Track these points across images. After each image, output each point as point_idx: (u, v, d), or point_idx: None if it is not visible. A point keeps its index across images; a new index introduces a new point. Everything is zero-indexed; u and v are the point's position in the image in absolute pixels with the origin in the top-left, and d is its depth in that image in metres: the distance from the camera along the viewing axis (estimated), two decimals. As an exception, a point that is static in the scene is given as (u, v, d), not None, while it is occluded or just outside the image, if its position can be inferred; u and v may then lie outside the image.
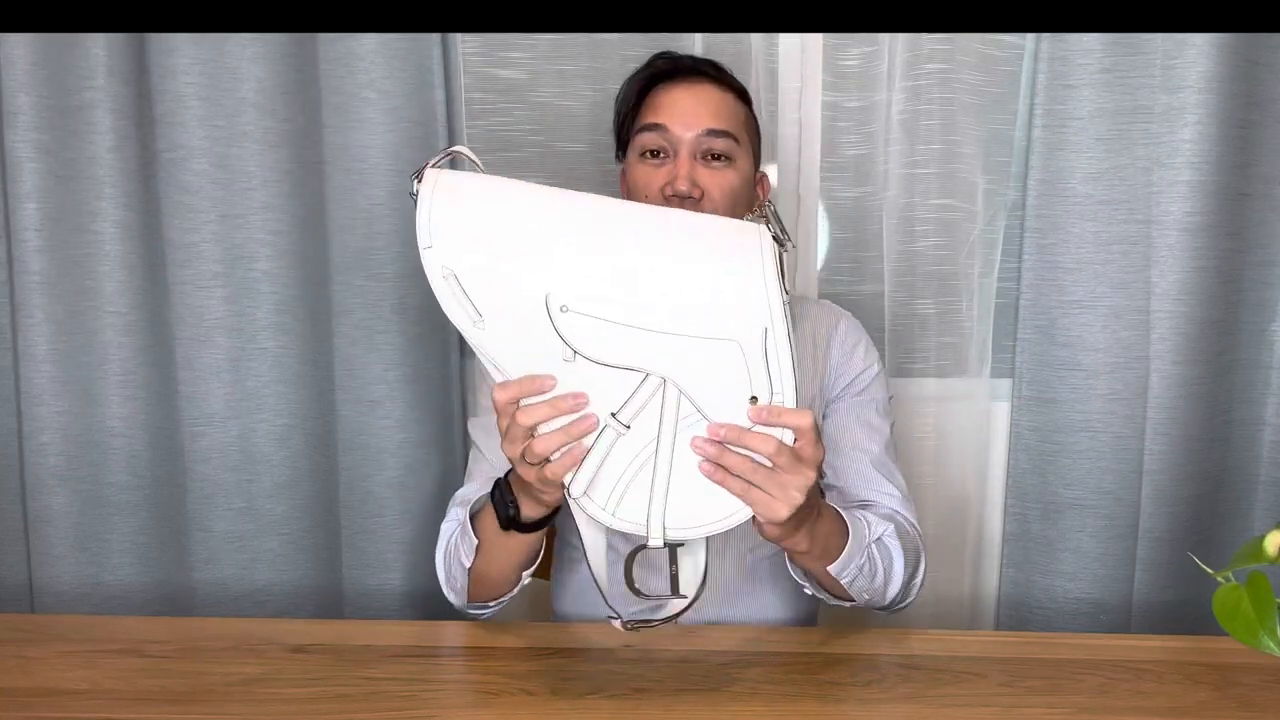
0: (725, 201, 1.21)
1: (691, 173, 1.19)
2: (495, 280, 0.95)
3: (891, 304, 1.63)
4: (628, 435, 0.94)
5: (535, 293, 0.94)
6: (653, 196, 1.21)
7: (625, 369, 0.94)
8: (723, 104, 1.23)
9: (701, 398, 0.94)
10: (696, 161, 1.21)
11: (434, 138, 1.56)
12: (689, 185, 1.18)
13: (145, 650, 1.12)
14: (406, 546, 1.62)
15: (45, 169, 1.47)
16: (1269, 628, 0.77)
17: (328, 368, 1.59)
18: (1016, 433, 1.62)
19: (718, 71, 1.26)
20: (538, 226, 0.96)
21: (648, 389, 0.94)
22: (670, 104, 1.22)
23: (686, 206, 1.18)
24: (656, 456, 0.95)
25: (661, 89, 1.24)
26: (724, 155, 1.22)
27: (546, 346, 0.94)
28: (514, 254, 0.95)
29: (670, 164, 1.21)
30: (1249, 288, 1.57)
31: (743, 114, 1.26)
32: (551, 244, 0.96)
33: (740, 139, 1.24)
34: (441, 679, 1.06)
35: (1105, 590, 1.59)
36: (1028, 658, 1.12)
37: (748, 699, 1.03)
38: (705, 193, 1.20)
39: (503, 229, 0.96)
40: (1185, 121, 1.47)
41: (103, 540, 1.55)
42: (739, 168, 1.23)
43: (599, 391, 0.94)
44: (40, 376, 1.51)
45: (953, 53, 1.55)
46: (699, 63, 1.26)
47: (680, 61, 1.26)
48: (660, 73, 1.25)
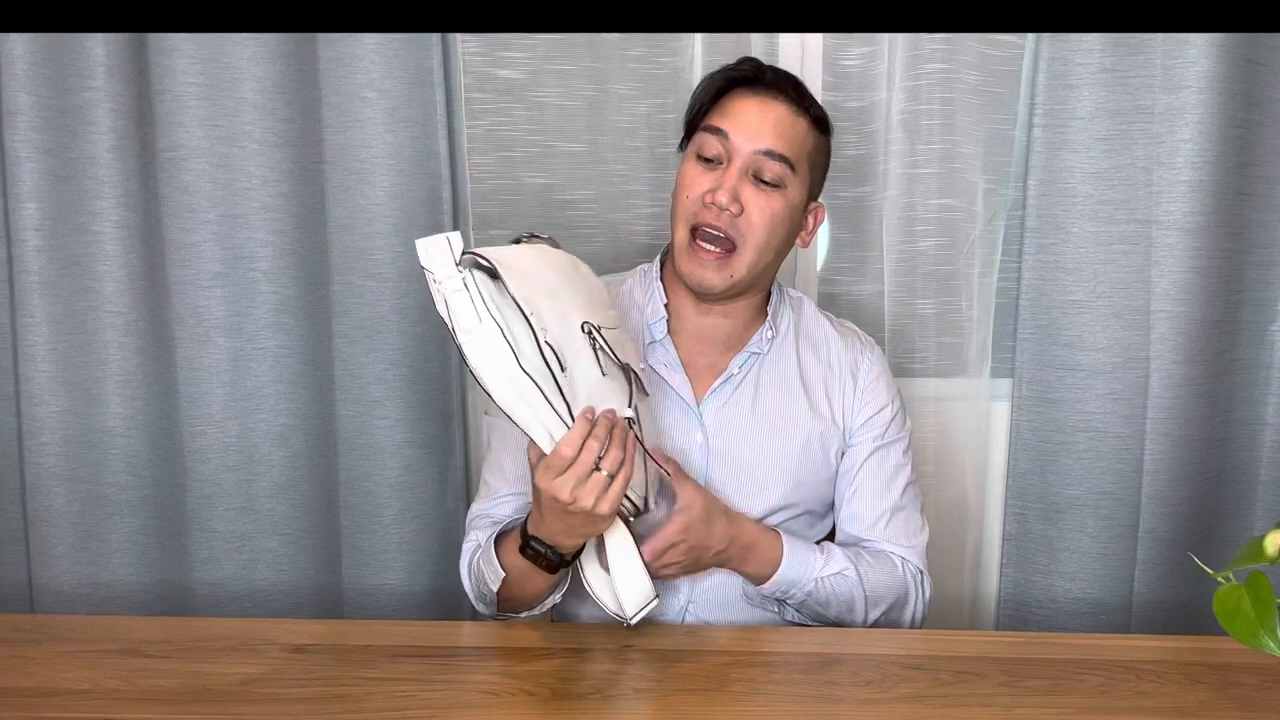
0: (763, 227, 1.19)
1: (737, 187, 1.18)
2: (562, 331, 1.00)
3: (891, 304, 1.63)
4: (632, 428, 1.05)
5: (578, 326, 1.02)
6: (693, 200, 1.20)
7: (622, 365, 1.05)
8: (791, 127, 1.20)
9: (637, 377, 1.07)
10: (746, 178, 1.19)
11: (434, 138, 1.55)
12: (729, 199, 1.17)
13: (145, 650, 1.12)
14: (406, 546, 1.62)
15: (45, 169, 1.47)
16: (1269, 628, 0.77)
17: (328, 368, 1.59)
18: (1016, 433, 1.62)
19: (799, 94, 1.22)
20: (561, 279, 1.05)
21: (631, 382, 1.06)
22: (739, 112, 1.20)
23: (723, 221, 1.18)
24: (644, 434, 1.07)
25: (738, 94, 1.21)
26: (774, 181, 1.19)
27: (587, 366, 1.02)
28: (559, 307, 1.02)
29: (719, 172, 1.19)
30: (1249, 288, 1.57)
31: (811, 143, 1.23)
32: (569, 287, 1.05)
33: (798, 167, 1.21)
34: (441, 679, 1.06)
35: (1105, 590, 1.59)
36: (1028, 658, 1.11)
37: (748, 699, 1.03)
38: (745, 211, 1.18)
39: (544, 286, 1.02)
40: (1185, 121, 1.47)
41: (102, 540, 1.55)
42: (788, 196, 1.21)
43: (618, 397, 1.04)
44: (40, 376, 1.51)
45: (953, 53, 1.55)
46: (781, 79, 1.22)
47: (764, 71, 1.22)
48: (742, 77, 1.22)
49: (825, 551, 1.22)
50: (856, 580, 1.21)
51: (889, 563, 1.25)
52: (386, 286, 1.56)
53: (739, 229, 1.19)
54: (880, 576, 1.23)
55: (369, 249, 1.55)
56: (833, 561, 1.22)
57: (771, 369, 1.27)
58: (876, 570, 1.23)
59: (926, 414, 1.66)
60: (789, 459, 1.25)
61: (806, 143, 1.22)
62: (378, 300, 1.56)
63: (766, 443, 1.25)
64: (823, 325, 1.32)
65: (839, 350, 1.30)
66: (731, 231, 1.19)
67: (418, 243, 0.98)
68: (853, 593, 1.22)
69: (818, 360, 1.29)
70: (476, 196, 1.63)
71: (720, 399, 1.25)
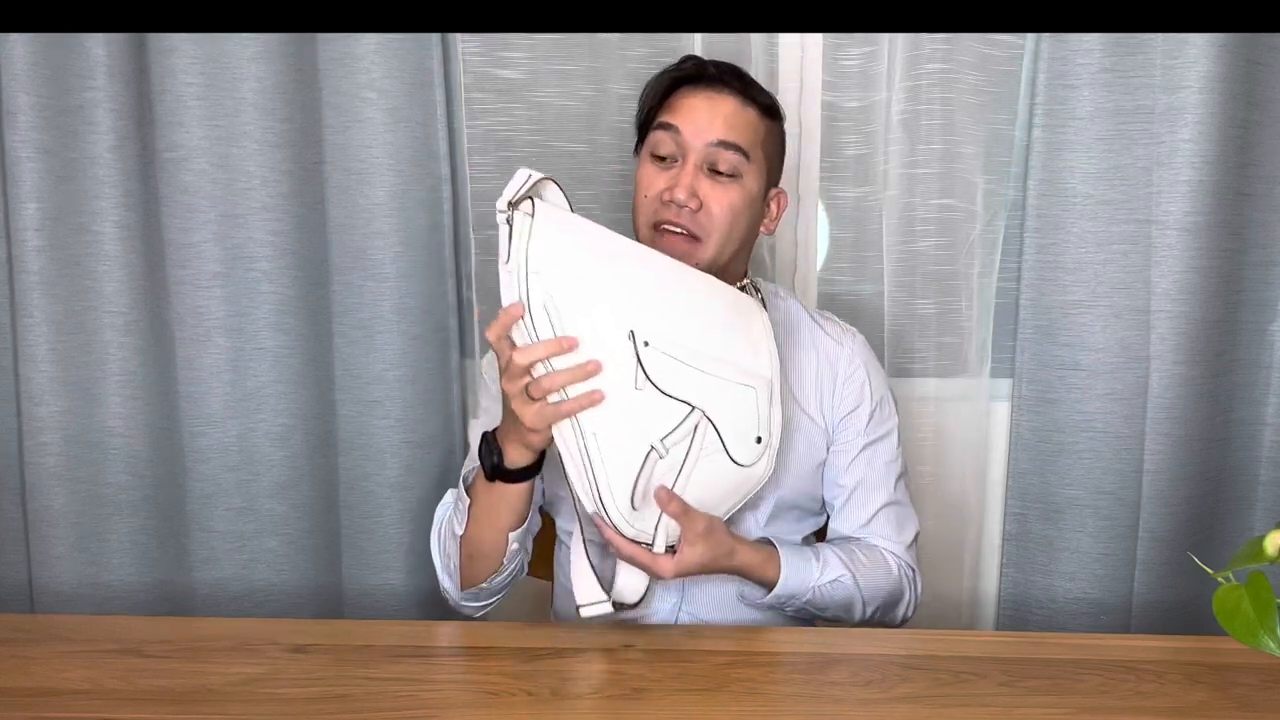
0: (725, 218, 1.20)
1: (694, 183, 1.19)
2: (590, 312, 1.07)
3: (891, 304, 1.63)
4: (664, 460, 1.11)
5: (621, 327, 1.08)
6: (651, 199, 1.21)
7: (680, 400, 1.10)
8: (740, 117, 1.21)
9: (726, 432, 1.13)
10: (702, 172, 1.20)
11: (434, 138, 1.55)
12: (687, 195, 1.18)
13: (145, 650, 1.12)
14: (406, 546, 1.62)
15: (45, 169, 1.47)
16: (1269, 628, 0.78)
17: (328, 368, 1.59)
18: (1016, 433, 1.61)
19: (744, 84, 1.23)
20: (624, 272, 1.11)
21: (690, 422, 1.11)
22: (688, 109, 1.21)
23: (683, 217, 1.19)
24: (677, 480, 1.12)
25: (684, 91, 1.23)
26: (730, 171, 1.21)
27: (622, 374, 1.07)
28: (607, 292, 1.08)
29: (675, 170, 1.20)
30: (1249, 288, 1.57)
31: (763, 131, 1.24)
32: (636, 289, 1.10)
33: (753, 155, 1.22)
34: (441, 679, 1.06)
35: (1105, 590, 1.59)
36: (1028, 658, 1.12)
37: (748, 699, 1.03)
38: (704, 205, 1.19)
39: (598, 269, 1.09)
40: (1185, 121, 1.47)
41: (102, 540, 1.55)
42: (745, 185, 1.22)
43: (650, 419, 1.09)
44: (40, 376, 1.51)
45: (953, 53, 1.55)
46: (725, 72, 1.23)
47: (706, 67, 1.24)
48: (686, 75, 1.24)
49: (821, 559, 1.23)
50: (853, 585, 1.23)
51: (883, 563, 1.26)
52: (386, 286, 1.56)
53: (700, 224, 1.20)
54: (876, 578, 1.25)
55: (369, 249, 1.55)
56: (829, 569, 1.22)
57: None
58: (872, 572, 1.25)
59: (926, 414, 1.65)
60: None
61: (758, 130, 1.23)
62: (378, 300, 1.56)
63: None
64: (802, 317, 1.32)
65: (819, 343, 1.31)
66: (693, 226, 1.20)
67: (520, 170, 1.07)
68: (850, 597, 1.23)
69: (797, 354, 1.29)
70: (476, 196, 1.63)
71: None
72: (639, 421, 1.08)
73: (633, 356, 1.07)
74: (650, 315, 1.09)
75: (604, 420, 1.07)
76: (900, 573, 1.27)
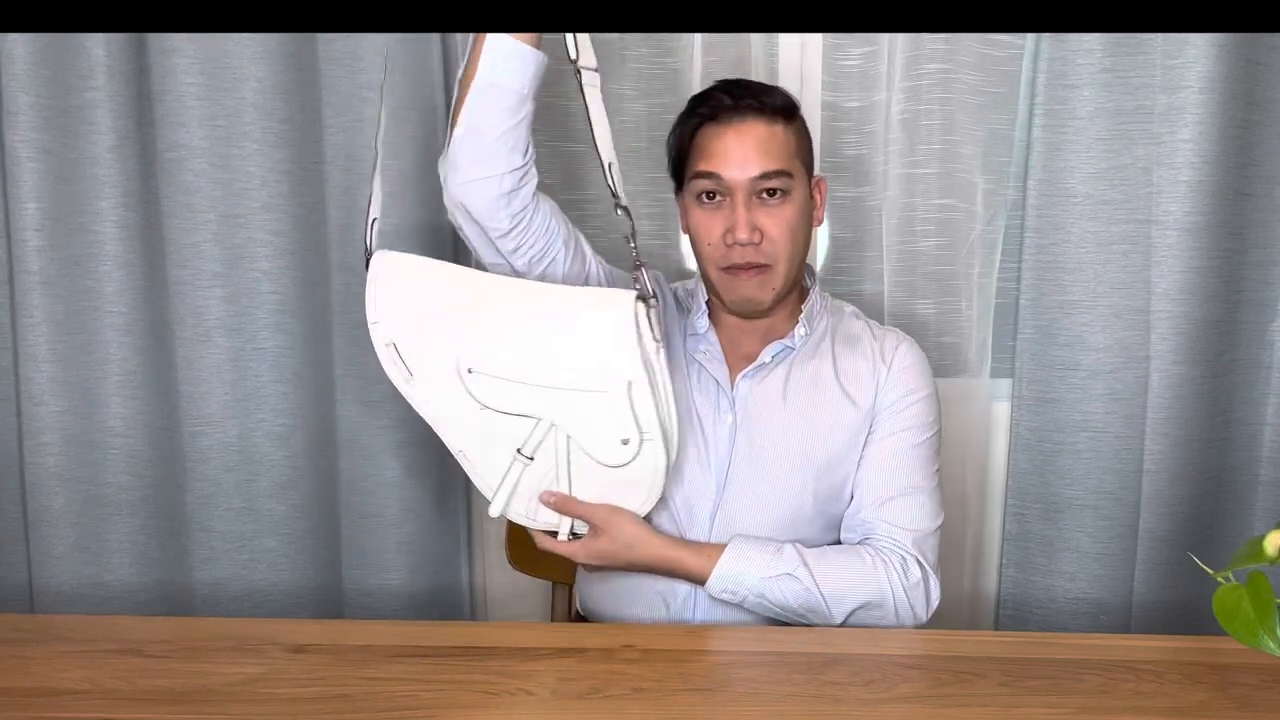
0: (785, 239, 1.23)
1: (750, 219, 1.22)
2: (422, 349, 1.19)
3: (891, 304, 1.63)
4: (533, 465, 1.19)
5: (449, 358, 1.18)
6: (716, 245, 1.24)
7: (522, 415, 1.18)
8: (771, 140, 1.22)
9: (582, 438, 1.18)
10: (754, 202, 1.22)
11: (434, 138, 1.56)
12: (749, 232, 1.21)
13: (145, 650, 1.12)
14: (406, 546, 1.62)
15: (45, 169, 1.47)
16: (1269, 628, 0.78)
17: (328, 368, 1.59)
18: (1016, 433, 1.62)
19: (759, 101, 1.23)
20: (455, 307, 1.19)
21: (541, 430, 1.18)
22: (721, 151, 1.22)
23: (749, 253, 1.22)
24: (556, 479, 1.20)
25: (710, 131, 1.24)
26: (779, 191, 1.23)
27: (463, 399, 1.18)
28: (437, 329, 1.18)
29: (727, 209, 1.23)
30: (1249, 288, 1.57)
31: (793, 140, 1.25)
32: (464, 321, 1.18)
33: (793, 169, 1.24)
34: (441, 679, 1.06)
35: (1105, 590, 1.59)
36: (1028, 658, 1.11)
37: (748, 699, 1.03)
38: (765, 235, 1.22)
39: (429, 309, 1.19)
40: (1185, 121, 1.47)
41: (103, 540, 1.55)
42: (795, 199, 1.24)
43: (506, 432, 1.19)
44: (40, 376, 1.51)
45: (953, 53, 1.55)
46: (739, 96, 1.24)
47: (722, 100, 1.24)
48: (707, 115, 1.24)
49: (778, 552, 1.21)
50: (809, 579, 1.19)
51: (856, 559, 1.22)
52: (386, 286, 1.56)
53: (765, 253, 1.23)
54: (841, 574, 1.21)
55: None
56: (782, 563, 1.20)
57: (803, 364, 1.30)
58: (837, 568, 1.21)
59: (926, 414, 1.65)
60: (815, 447, 1.27)
61: (789, 142, 1.24)
62: (378, 300, 1.56)
63: (794, 429, 1.27)
64: (860, 325, 1.35)
65: (874, 345, 1.32)
66: (760, 259, 1.23)
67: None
68: (807, 593, 1.20)
69: (852, 354, 1.31)
70: (476, 196, 1.63)
71: (752, 382, 1.29)
72: (493, 436, 1.19)
73: (460, 384, 1.18)
74: (477, 344, 1.17)
75: (463, 439, 1.21)
76: (880, 567, 1.22)
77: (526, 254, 1.23)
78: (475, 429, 1.20)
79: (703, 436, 1.28)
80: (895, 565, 1.23)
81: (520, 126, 1.17)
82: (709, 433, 1.28)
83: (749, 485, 1.27)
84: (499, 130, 1.16)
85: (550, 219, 1.24)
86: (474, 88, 1.16)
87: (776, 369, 1.30)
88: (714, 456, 1.28)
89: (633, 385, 1.15)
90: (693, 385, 1.30)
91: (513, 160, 1.17)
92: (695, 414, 1.29)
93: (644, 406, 1.16)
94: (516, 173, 1.18)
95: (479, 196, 1.19)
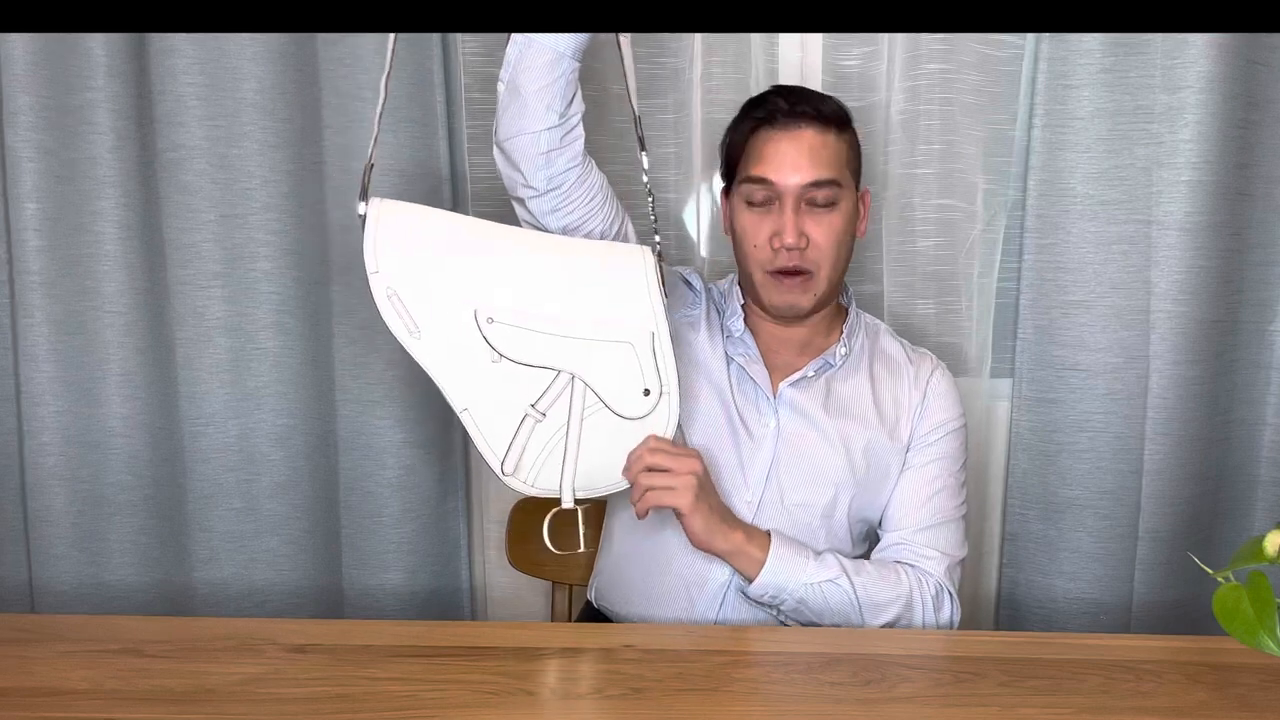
0: (830, 247, 1.25)
1: (798, 224, 1.23)
2: (432, 298, 1.13)
3: (891, 304, 1.63)
4: (544, 422, 1.15)
5: (465, 307, 1.13)
6: (761, 248, 1.25)
7: (542, 367, 1.14)
8: (823, 149, 1.24)
9: (603, 390, 1.15)
10: (803, 208, 1.24)
11: (434, 138, 1.56)
12: (796, 237, 1.22)
13: (145, 650, 1.12)
14: (407, 546, 1.62)
15: (45, 169, 1.47)
16: (1269, 628, 0.78)
17: (328, 368, 1.59)
18: (1016, 433, 1.61)
19: (817, 110, 1.25)
20: (466, 253, 1.15)
21: (560, 384, 1.15)
22: (774, 156, 1.23)
23: (794, 258, 1.24)
24: (567, 438, 1.15)
25: (765, 135, 1.25)
26: (828, 199, 1.24)
27: (475, 351, 1.13)
28: (447, 276, 1.13)
29: (776, 213, 1.24)
30: (1249, 288, 1.57)
31: (844, 150, 1.27)
32: (478, 267, 1.14)
33: (843, 179, 1.25)
34: (441, 679, 1.06)
35: (1105, 590, 1.59)
36: (1028, 658, 1.11)
37: (748, 699, 1.03)
38: (811, 241, 1.24)
39: (437, 255, 1.14)
40: (1185, 121, 1.47)
41: (103, 540, 1.55)
42: (842, 209, 1.26)
43: (520, 386, 1.14)
44: (40, 376, 1.51)
45: (953, 53, 1.55)
46: (795, 106, 1.25)
47: (779, 104, 1.25)
48: (764, 119, 1.26)
49: (819, 559, 1.23)
50: (849, 588, 1.22)
51: (893, 573, 1.25)
52: (386, 286, 1.56)
53: (809, 259, 1.25)
54: (879, 586, 1.23)
55: (369, 249, 1.55)
56: (825, 569, 1.22)
57: (843, 381, 1.32)
58: (876, 580, 1.23)
59: (926, 414, 1.66)
60: (854, 460, 1.29)
61: (841, 152, 1.26)
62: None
63: (834, 440, 1.29)
64: (896, 347, 1.36)
65: (910, 370, 1.34)
66: (804, 264, 1.25)
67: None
68: (846, 601, 1.22)
69: (889, 376, 1.33)
70: (476, 196, 1.63)
71: (797, 390, 1.30)
72: (505, 392, 1.14)
73: (478, 334, 1.12)
74: (495, 292, 1.13)
75: (470, 396, 1.14)
76: (911, 584, 1.24)
77: (563, 219, 1.22)
78: (485, 384, 1.14)
79: (748, 434, 1.29)
80: (929, 588, 1.25)
81: (556, 84, 1.16)
82: (754, 432, 1.29)
83: (786, 491, 1.28)
84: (534, 86, 1.16)
85: (596, 193, 1.24)
86: (513, 41, 1.17)
87: (818, 381, 1.31)
88: (756, 457, 1.29)
89: (656, 336, 1.16)
90: (732, 384, 1.31)
91: (548, 119, 1.16)
92: (737, 413, 1.30)
93: (666, 359, 1.17)
94: (554, 131, 1.17)
95: (519, 154, 1.18)
